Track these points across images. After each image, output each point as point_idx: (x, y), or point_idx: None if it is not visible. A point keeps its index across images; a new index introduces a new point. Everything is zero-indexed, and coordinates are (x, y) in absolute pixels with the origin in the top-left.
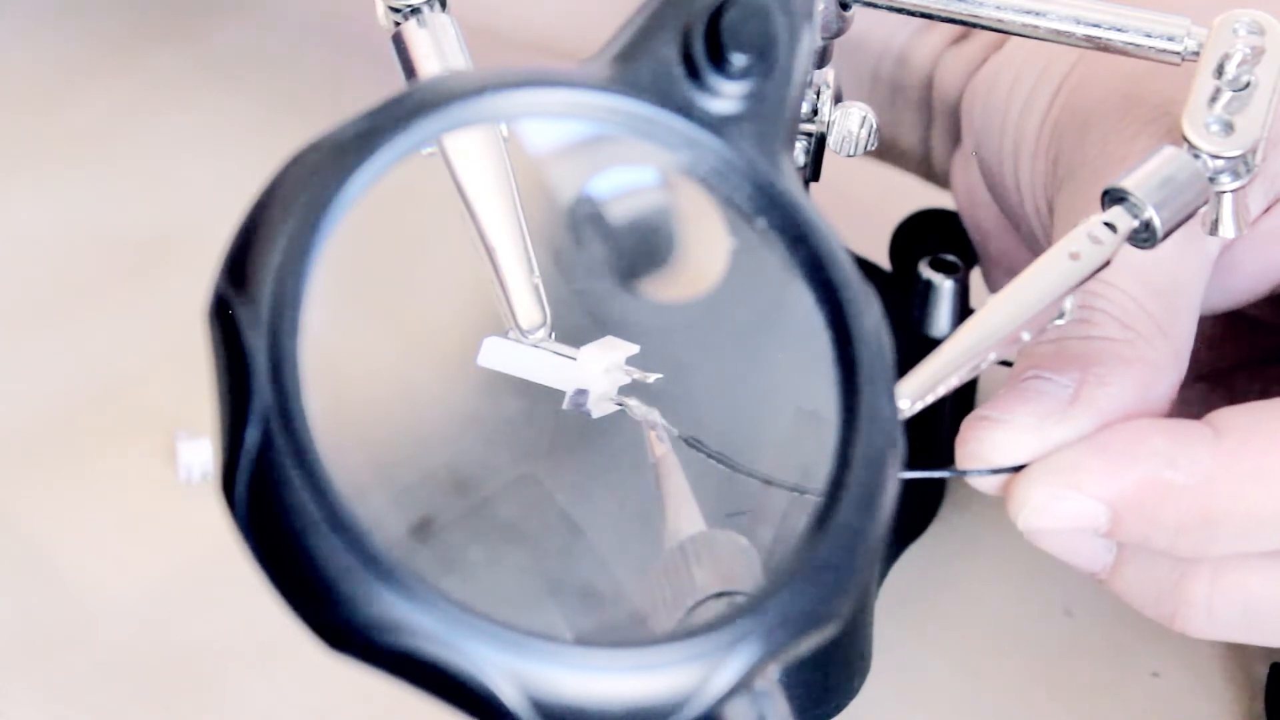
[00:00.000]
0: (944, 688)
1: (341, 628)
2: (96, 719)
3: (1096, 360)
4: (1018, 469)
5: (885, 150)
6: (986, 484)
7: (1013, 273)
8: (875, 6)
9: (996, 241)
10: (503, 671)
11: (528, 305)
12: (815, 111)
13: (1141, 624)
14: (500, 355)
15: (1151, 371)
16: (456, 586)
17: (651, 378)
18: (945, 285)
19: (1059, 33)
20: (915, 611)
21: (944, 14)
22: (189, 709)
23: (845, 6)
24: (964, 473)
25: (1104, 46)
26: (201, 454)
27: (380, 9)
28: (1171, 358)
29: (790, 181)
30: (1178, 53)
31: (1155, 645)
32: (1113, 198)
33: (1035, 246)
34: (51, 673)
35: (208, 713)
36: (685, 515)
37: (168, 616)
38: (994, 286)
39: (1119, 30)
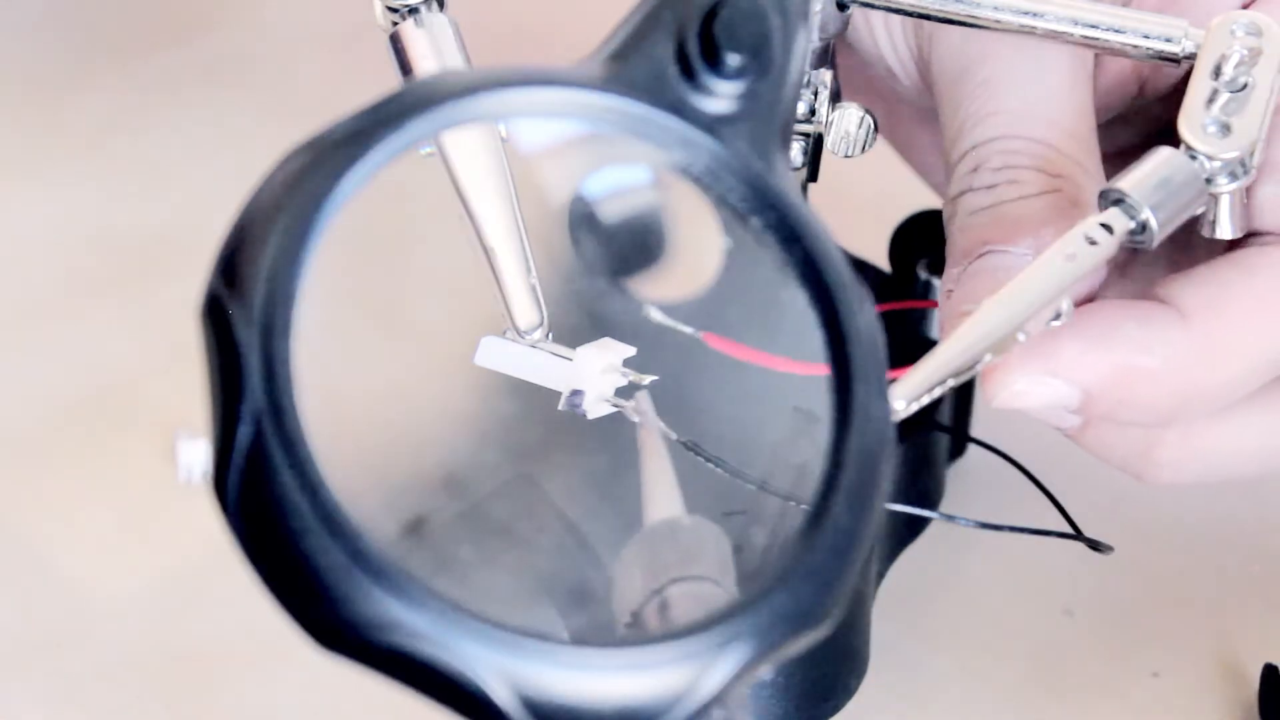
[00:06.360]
0: (944, 688)
1: (333, 626)
2: (96, 719)
3: (1041, 220)
4: None
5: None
6: None
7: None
8: (873, 7)
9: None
10: (494, 670)
11: (525, 305)
12: (813, 112)
13: (1141, 624)
14: (497, 355)
15: (1087, 214)
16: (449, 586)
17: (647, 379)
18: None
19: (1056, 33)
20: (915, 611)
21: (941, 14)
22: (189, 709)
23: (843, 7)
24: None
25: (1102, 47)
26: (201, 454)
27: (378, 9)
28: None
29: (784, 181)
30: (1176, 54)
31: (1155, 645)
32: (1109, 199)
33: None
34: (51, 673)
35: (208, 713)
36: (665, 499)
37: (168, 616)
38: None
39: (1117, 31)
